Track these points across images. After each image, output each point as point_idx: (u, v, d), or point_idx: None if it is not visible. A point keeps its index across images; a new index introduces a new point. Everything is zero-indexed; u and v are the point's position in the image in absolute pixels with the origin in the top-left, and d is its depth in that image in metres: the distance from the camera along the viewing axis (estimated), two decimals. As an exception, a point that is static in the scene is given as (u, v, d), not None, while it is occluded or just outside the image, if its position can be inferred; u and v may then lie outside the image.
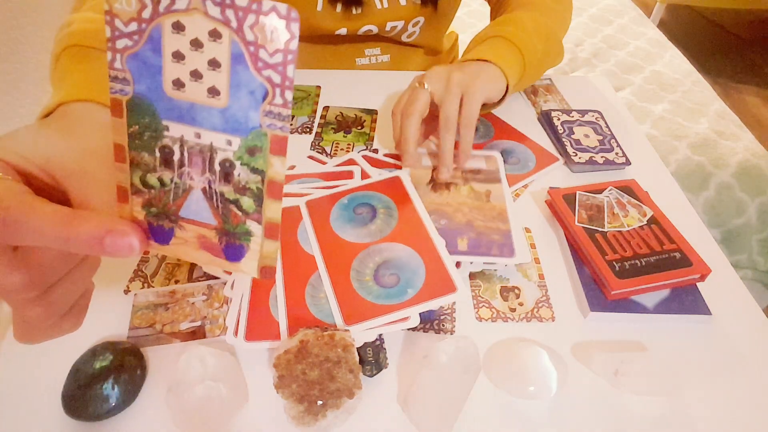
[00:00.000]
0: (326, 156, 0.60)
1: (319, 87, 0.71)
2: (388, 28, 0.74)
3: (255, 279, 0.44)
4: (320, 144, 0.62)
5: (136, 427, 0.37)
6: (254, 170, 0.22)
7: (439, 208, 0.51)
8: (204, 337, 0.42)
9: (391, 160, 0.59)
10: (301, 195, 0.52)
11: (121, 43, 0.21)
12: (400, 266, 0.45)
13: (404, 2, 0.72)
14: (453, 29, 0.92)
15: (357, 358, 0.38)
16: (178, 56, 0.21)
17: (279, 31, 0.19)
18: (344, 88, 0.72)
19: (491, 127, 0.66)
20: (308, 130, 0.64)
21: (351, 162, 0.57)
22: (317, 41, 0.76)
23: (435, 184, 0.53)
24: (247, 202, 0.23)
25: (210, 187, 0.23)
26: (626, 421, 0.39)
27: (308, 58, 0.78)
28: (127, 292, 0.45)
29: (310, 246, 0.47)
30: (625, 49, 1.43)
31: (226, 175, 0.23)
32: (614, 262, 0.46)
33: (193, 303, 0.44)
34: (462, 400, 0.38)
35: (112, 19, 0.21)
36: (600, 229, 0.49)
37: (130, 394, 0.37)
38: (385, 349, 0.40)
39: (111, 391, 0.36)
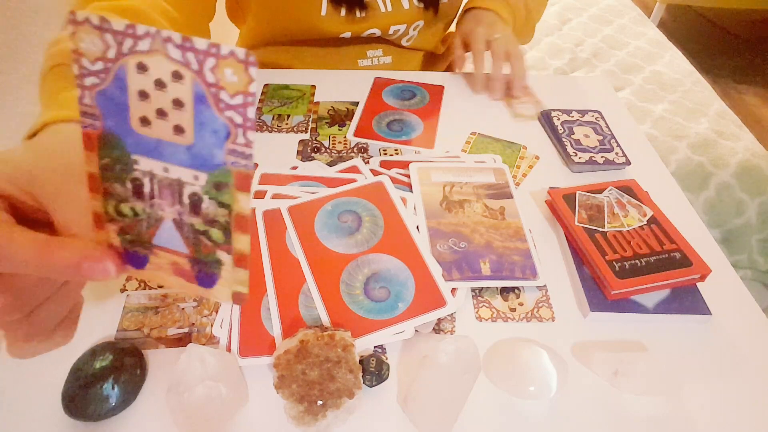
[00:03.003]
0: (326, 150, 0.61)
1: (314, 86, 0.72)
2: (391, 32, 0.75)
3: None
4: (317, 139, 0.63)
5: (136, 427, 0.37)
6: (221, 204, 0.23)
7: (457, 230, 0.50)
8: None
9: (401, 174, 0.59)
10: (286, 197, 0.52)
11: (88, 81, 0.22)
12: (389, 279, 0.45)
13: (407, 5, 0.73)
14: (452, 30, 0.92)
15: (357, 359, 0.38)
16: (143, 95, 0.22)
17: (238, 74, 0.20)
18: (339, 85, 0.72)
19: (427, 96, 0.72)
20: (304, 129, 0.64)
21: (354, 169, 0.57)
22: (320, 44, 0.76)
23: (448, 202, 0.53)
24: (216, 233, 0.24)
25: (180, 218, 0.24)
26: (626, 421, 0.39)
27: (310, 60, 0.78)
28: (123, 290, 0.45)
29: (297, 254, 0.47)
30: (625, 49, 1.43)
31: (195, 208, 0.24)
32: (614, 262, 0.46)
33: (183, 309, 0.44)
34: (462, 400, 0.38)
35: (79, 58, 0.21)
36: (600, 229, 0.49)
37: (130, 394, 0.37)
38: (388, 363, 0.40)
39: (111, 391, 0.36)
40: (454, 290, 0.45)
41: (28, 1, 0.84)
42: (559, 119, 0.66)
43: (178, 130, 0.22)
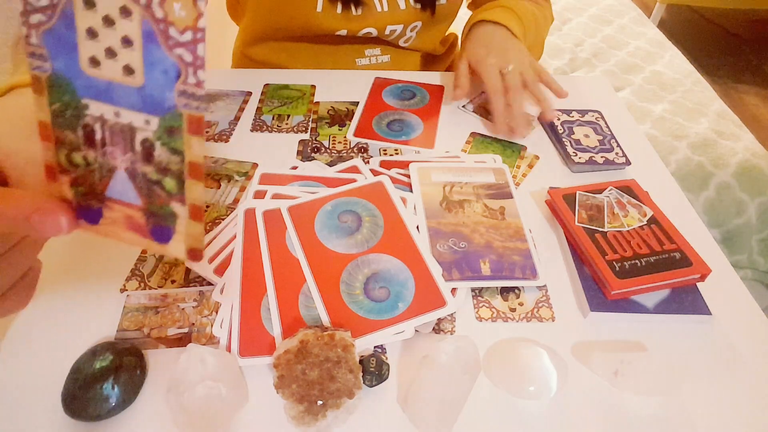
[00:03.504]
0: (326, 150, 0.61)
1: (314, 86, 0.72)
2: (387, 32, 0.75)
3: (244, 287, 0.44)
4: (317, 139, 0.63)
5: (136, 427, 0.37)
6: (174, 151, 0.22)
7: (457, 230, 0.50)
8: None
9: (401, 174, 0.59)
10: (286, 197, 0.52)
11: (34, 18, 0.21)
12: (389, 279, 0.45)
13: (403, 6, 0.73)
14: (453, 31, 0.92)
15: (357, 359, 0.38)
16: (92, 33, 0.21)
17: (186, 8, 0.20)
18: (339, 86, 0.72)
19: (427, 96, 0.72)
20: (304, 129, 0.64)
21: (354, 169, 0.57)
22: (318, 41, 0.76)
23: (448, 202, 0.53)
24: (169, 183, 0.23)
25: (133, 167, 0.23)
26: (626, 421, 0.39)
27: (309, 58, 0.78)
28: (123, 290, 0.45)
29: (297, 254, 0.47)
30: (625, 49, 1.43)
31: (147, 155, 0.23)
32: (614, 262, 0.46)
33: (183, 309, 0.44)
34: (462, 400, 0.38)
35: None
36: (600, 229, 0.49)
37: (130, 394, 0.37)
38: (388, 363, 0.40)
39: (111, 391, 0.36)
40: (454, 290, 0.45)
41: (28, 1, 0.84)
42: (559, 119, 0.66)
43: (128, 70, 0.21)
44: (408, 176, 0.56)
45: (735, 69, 2.35)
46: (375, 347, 0.42)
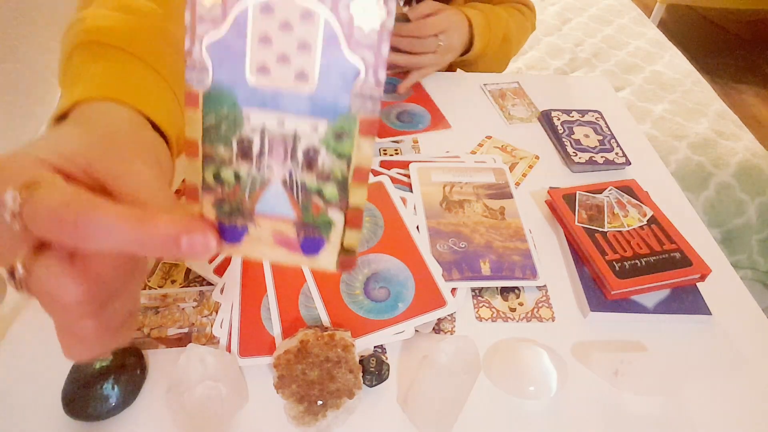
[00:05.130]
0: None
1: None
2: None
3: (244, 287, 0.44)
4: None
5: (136, 427, 0.37)
6: (340, 156, 0.21)
7: (457, 229, 0.50)
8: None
9: (401, 174, 0.59)
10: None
11: (201, 29, 0.20)
12: (389, 279, 0.45)
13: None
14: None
15: (357, 359, 0.38)
16: (265, 40, 0.20)
17: (375, 8, 0.19)
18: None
19: (410, 91, 0.73)
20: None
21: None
22: None
23: (448, 202, 0.53)
24: (330, 190, 0.22)
25: (291, 177, 0.22)
26: (626, 421, 0.39)
27: None
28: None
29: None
30: (625, 49, 1.43)
31: (309, 163, 0.22)
32: (614, 262, 0.46)
33: (183, 309, 0.44)
34: (462, 400, 0.38)
35: (194, 4, 0.20)
36: (600, 229, 0.49)
37: (130, 394, 0.37)
38: (388, 363, 0.40)
39: (111, 391, 0.36)
40: (454, 290, 0.45)
41: (28, 1, 0.84)
42: (559, 119, 0.66)
43: (301, 76, 0.20)
44: (408, 176, 0.56)
45: (735, 69, 2.35)
46: (375, 347, 0.42)
